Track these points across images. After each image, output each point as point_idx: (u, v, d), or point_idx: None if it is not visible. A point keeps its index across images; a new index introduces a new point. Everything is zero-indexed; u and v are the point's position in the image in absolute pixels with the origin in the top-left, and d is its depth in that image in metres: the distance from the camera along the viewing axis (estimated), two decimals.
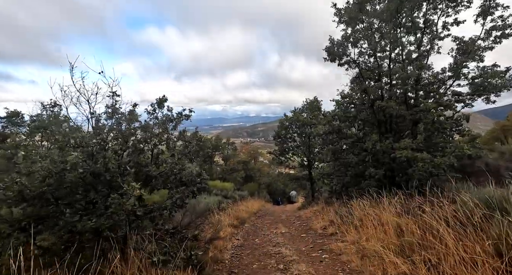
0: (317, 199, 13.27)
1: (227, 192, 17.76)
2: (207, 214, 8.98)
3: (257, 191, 27.59)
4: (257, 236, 7.87)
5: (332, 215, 8.50)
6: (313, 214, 10.87)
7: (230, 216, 10.11)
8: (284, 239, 7.19)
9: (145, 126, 4.39)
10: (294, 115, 14.55)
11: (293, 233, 7.97)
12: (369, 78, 7.64)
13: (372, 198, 6.84)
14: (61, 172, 3.11)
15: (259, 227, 9.37)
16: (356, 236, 5.54)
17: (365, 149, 7.24)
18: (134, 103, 4.69)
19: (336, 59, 8.15)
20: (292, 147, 15.02)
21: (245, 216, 11.20)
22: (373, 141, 6.93)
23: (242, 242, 7.19)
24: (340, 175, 9.06)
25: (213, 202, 12.04)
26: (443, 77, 6.96)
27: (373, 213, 5.70)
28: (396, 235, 4.41)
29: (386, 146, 6.72)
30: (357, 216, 6.36)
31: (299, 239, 7.13)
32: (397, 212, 5.12)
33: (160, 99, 4.65)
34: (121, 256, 3.61)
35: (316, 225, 8.34)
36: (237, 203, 14.26)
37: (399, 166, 7.16)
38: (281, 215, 12.87)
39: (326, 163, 10.59)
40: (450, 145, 6.70)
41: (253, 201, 17.51)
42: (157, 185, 4.27)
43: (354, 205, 7.30)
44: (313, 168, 14.63)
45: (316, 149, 14.55)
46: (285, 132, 14.89)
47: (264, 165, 46.37)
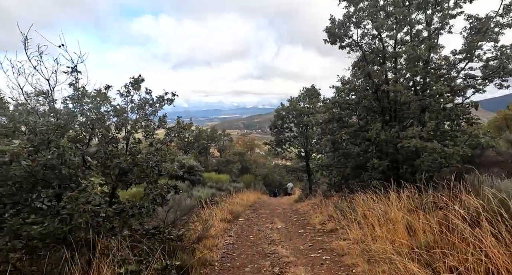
0: (314, 192, 12.79)
1: (222, 184, 17.24)
2: (198, 209, 8.43)
3: (253, 182, 27.14)
4: (251, 232, 7.35)
5: (331, 209, 8.00)
6: (310, 207, 10.38)
7: (223, 210, 9.58)
8: (280, 235, 6.67)
9: (117, 110, 3.74)
10: (290, 104, 13.91)
11: (290, 228, 7.45)
12: (372, 61, 7.00)
13: (377, 192, 6.32)
14: (2, 165, 2.48)
15: (254, 222, 8.85)
16: (360, 234, 5.01)
17: (368, 138, 6.66)
18: (107, 85, 4.03)
19: (337, 41, 7.48)
20: (289, 137, 14.44)
21: (239, 209, 10.68)
22: (377, 129, 6.35)
23: (235, 239, 6.66)
24: (340, 167, 8.51)
25: (206, 195, 11.52)
26: (454, 60, 6.34)
27: (379, 209, 5.17)
28: (408, 235, 3.88)
29: (392, 135, 6.14)
30: (360, 211, 5.83)
31: (296, 235, 6.61)
32: (407, 207, 4.58)
33: (135, 80, 3.97)
34: (86, 266, 3.02)
35: (314, 220, 7.83)
36: (232, 196, 13.75)
37: (404, 157, 6.62)
38: (277, 208, 12.37)
39: (325, 154, 10.03)
40: (462, 134, 6.15)
41: (249, 193, 17.01)
42: (133, 179, 3.65)
43: (356, 199, 6.78)
44: (310, 159, 14.11)
45: (314, 139, 13.99)
46: (281, 122, 14.27)
47: (261, 157, 45.98)
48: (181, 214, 4.63)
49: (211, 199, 10.63)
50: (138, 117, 3.94)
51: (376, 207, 5.44)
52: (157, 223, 4.37)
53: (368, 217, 5.29)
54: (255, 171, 33.56)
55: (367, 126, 6.75)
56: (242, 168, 33.51)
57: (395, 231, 4.09)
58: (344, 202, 7.79)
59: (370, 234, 4.54)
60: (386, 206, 5.02)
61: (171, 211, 4.79)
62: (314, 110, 11.61)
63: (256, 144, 48.18)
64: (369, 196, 6.53)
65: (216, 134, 33.71)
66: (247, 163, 34.96)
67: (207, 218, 7.24)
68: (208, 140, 32.87)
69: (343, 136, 7.34)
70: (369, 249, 4.23)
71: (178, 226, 4.58)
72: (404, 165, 6.91)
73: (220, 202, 10.69)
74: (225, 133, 35.69)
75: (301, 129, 14.01)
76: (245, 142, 43.59)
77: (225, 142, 34.99)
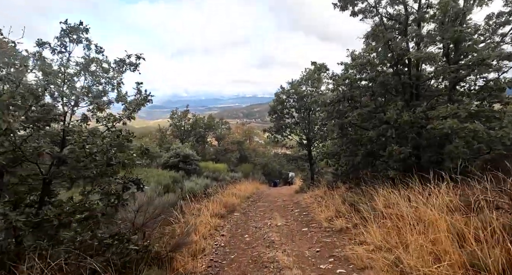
0: (317, 182, 11.80)
1: (219, 174, 16.27)
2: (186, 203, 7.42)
3: (252, 172, 26.25)
4: (247, 230, 6.35)
5: (338, 202, 6.99)
6: (314, 200, 9.38)
7: (217, 203, 8.58)
8: (280, 235, 5.67)
9: (42, 66, 2.60)
10: (291, 87, 12.71)
11: (292, 226, 6.45)
12: (392, 27, 5.82)
13: (395, 184, 5.28)
14: None
15: (250, 217, 7.86)
16: (381, 237, 3.98)
17: (386, 120, 5.56)
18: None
19: (349, 5, 6.26)
20: (290, 124, 13.32)
21: (235, 202, 9.67)
22: (398, 109, 5.24)
23: (228, 240, 5.65)
24: (349, 155, 7.44)
25: (199, 187, 10.51)
26: (494, 23, 5.17)
27: (404, 206, 4.12)
28: (458, 246, 2.84)
29: (417, 115, 5.04)
30: (379, 207, 4.80)
31: (299, 235, 5.60)
32: (446, 205, 3.53)
33: (71, 28, 2.79)
34: None
35: (319, 216, 6.82)
36: (228, 186, 12.78)
37: (430, 141, 5.54)
38: (277, 199, 11.39)
39: (330, 141, 8.94)
40: (501, 115, 5.05)
41: (247, 183, 16.05)
42: (67, 173, 2.58)
43: (369, 192, 5.75)
44: (313, 147, 13.05)
45: (317, 126, 12.88)
46: (281, 107, 13.11)
47: (260, 145, 45.00)
48: (153, 214, 3.58)
49: (205, 191, 9.64)
50: (83, 86, 2.82)
51: (400, 203, 4.40)
52: (121, 228, 3.32)
53: (390, 215, 4.26)
54: (254, 160, 32.63)
55: (385, 106, 5.63)
56: (240, 157, 32.57)
57: (435, 238, 3.05)
58: (354, 195, 6.78)
59: (399, 240, 3.49)
60: (415, 202, 3.98)
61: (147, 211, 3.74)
62: (318, 94, 10.42)
63: (255, 133, 47.11)
64: (386, 188, 5.51)
65: (213, 122, 32.61)
66: (246, 152, 34.01)
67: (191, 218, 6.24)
68: (206, 128, 31.82)
69: (355, 118, 6.24)
70: (399, 261, 3.19)
71: (149, 230, 3.53)
72: (427, 152, 5.85)
73: (215, 194, 9.70)
74: (223, 121, 34.58)
75: (303, 114, 12.86)
76: (244, 131, 42.46)
77: (223, 131, 33.93)
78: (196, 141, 31.24)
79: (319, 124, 12.72)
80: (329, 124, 8.19)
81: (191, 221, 5.36)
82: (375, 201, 5.43)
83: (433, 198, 3.68)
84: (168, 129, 29.94)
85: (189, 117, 30.82)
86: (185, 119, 30.36)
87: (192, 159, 16.22)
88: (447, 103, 5.20)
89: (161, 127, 30.11)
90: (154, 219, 3.64)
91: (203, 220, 6.56)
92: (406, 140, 5.62)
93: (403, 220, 4.00)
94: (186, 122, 30.40)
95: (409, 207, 4.04)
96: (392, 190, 4.98)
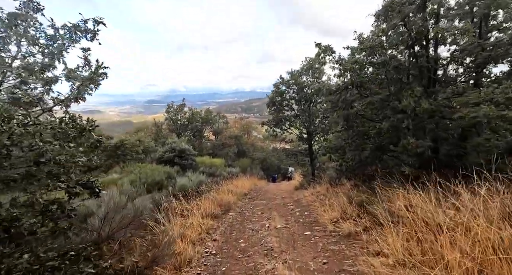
0: (318, 178, 11.12)
1: (216, 169, 15.59)
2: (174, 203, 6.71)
3: (250, 167, 25.58)
4: (243, 233, 5.66)
5: (343, 201, 6.31)
6: (315, 197, 8.71)
7: (210, 201, 7.90)
8: (280, 240, 4.98)
9: None
10: (291, 77, 11.93)
11: (293, 228, 5.76)
12: (408, 1, 5.05)
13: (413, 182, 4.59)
14: None
15: (247, 217, 7.17)
16: (402, 248, 3.29)
17: (402, 109, 4.83)
18: None
19: None
20: (289, 116, 12.57)
21: (231, 199, 8.98)
22: (416, 97, 4.51)
23: (220, 246, 4.97)
24: (355, 149, 6.74)
25: (193, 184, 9.80)
26: None
27: (431, 211, 3.43)
28: None
29: (439, 103, 4.32)
30: (396, 211, 4.11)
31: (302, 240, 4.91)
32: (498, 213, 2.82)
33: None
34: None
35: (323, 217, 6.15)
36: (225, 182, 12.09)
37: (450, 133, 4.83)
38: (276, 197, 10.72)
39: (335, 133, 8.23)
40: None
41: (244, 179, 15.37)
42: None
43: (385, 192, 5.06)
44: (314, 141, 12.33)
45: (318, 119, 12.14)
46: (280, 99, 12.35)
47: (258, 140, 44.33)
48: (121, 223, 2.87)
49: (197, 188, 8.94)
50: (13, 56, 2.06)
51: (423, 205, 3.71)
52: (77, 243, 2.60)
53: (413, 221, 3.56)
54: (252, 155, 31.93)
55: (400, 93, 4.89)
56: (238, 152, 31.87)
57: (488, 261, 2.34)
58: (362, 194, 6.09)
59: (432, 255, 2.79)
60: (447, 208, 3.28)
61: (113, 219, 3.02)
62: (322, 82, 9.63)
63: (253, 127, 46.37)
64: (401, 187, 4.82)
65: (211, 116, 31.82)
66: (244, 146, 33.31)
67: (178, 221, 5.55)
68: (203, 122, 31.06)
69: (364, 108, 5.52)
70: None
71: (116, 243, 2.81)
72: (443, 145, 5.15)
73: (209, 191, 9.01)
74: (220, 115, 33.78)
75: (303, 107, 12.11)
76: (242, 125, 41.69)
77: (221, 125, 33.18)
78: (193, 136, 30.51)
79: (320, 117, 11.98)
80: (332, 116, 7.45)
81: (176, 227, 4.66)
82: (390, 201, 4.75)
83: (477, 201, 2.95)
84: (164, 123, 29.16)
85: (186, 110, 30.02)
86: (181, 113, 29.55)
87: (188, 154, 15.58)
88: (473, 89, 4.48)
89: (156, 121, 29.32)
90: (126, 227, 2.93)
91: (194, 222, 5.87)
92: (423, 131, 4.90)
93: (429, 227, 3.32)
94: (182, 116, 29.59)
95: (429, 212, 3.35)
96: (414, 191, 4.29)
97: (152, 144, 20.96)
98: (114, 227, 2.76)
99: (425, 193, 3.87)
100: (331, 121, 7.12)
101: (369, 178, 6.87)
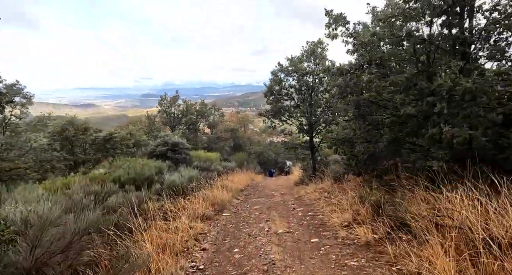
0: (320, 173, 10.27)
1: (211, 164, 14.70)
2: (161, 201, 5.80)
3: (247, 161, 24.71)
4: (238, 240, 4.78)
5: (354, 201, 5.47)
6: (319, 195, 7.87)
7: (202, 200, 7.01)
8: (283, 251, 4.10)
9: None
10: (291, 64, 10.96)
11: (297, 233, 4.89)
12: None
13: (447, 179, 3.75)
14: None
15: (243, 218, 6.30)
16: (451, 269, 2.42)
17: (433, 91, 3.93)
18: None
19: None
20: (289, 107, 11.63)
21: (226, 197, 8.09)
22: (453, 74, 3.61)
23: (210, 258, 4.08)
24: (368, 141, 5.86)
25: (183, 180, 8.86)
26: None
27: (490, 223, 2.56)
28: None
29: (486, 80, 3.42)
30: (432, 218, 3.24)
31: (309, 251, 4.03)
32: None
33: None
34: None
35: (332, 219, 5.29)
36: (221, 177, 11.20)
37: (493, 120, 3.94)
38: (275, 193, 9.86)
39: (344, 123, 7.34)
40: None
41: (241, 174, 14.51)
42: None
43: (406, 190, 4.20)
44: (316, 133, 11.43)
45: (320, 108, 11.21)
46: (279, 88, 11.38)
47: (255, 133, 43.49)
48: (54, 247, 1.94)
49: (187, 185, 8.03)
50: None
51: (466, 211, 2.84)
52: None
53: (458, 229, 2.70)
54: (249, 148, 31.04)
55: (431, 69, 3.97)
56: (234, 146, 31.00)
57: None
58: (377, 192, 5.22)
59: None
60: None
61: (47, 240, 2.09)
62: (326, 72, 8.66)
63: (250, 120, 45.41)
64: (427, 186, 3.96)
65: (206, 108, 30.80)
66: (240, 140, 32.42)
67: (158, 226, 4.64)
68: (198, 115, 30.05)
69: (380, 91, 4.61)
70: None
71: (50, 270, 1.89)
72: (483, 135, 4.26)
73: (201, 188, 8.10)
74: (215, 108, 32.75)
75: (304, 96, 11.16)
76: (239, 118, 40.69)
77: (216, 117, 32.18)
78: (188, 129, 29.51)
79: (322, 107, 11.05)
80: (339, 104, 6.54)
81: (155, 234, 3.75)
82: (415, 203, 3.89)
83: None
84: (156, 115, 28.09)
85: (180, 103, 28.94)
86: (175, 105, 28.45)
87: (182, 148, 14.71)
88: None
89: (149, 114, 28.22)
90: (64, 251, 2.01)
91: (180, 226, 4.98)
92: (461, 117, 4.00)
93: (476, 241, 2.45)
94: (176, 109, 28.51)
95: (490, 219, 2.48)
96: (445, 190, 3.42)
97: (144, 138, 20.01)
98: (40, 253, 1.85)
99: (457, 193, 3.00)
100: (340, 109, 6.21)
101: (383, 174, 6.01)
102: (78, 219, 2.28)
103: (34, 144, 13.93)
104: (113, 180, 8.48)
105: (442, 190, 3.81)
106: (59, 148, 16.14)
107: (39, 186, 6.33)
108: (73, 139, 16.97)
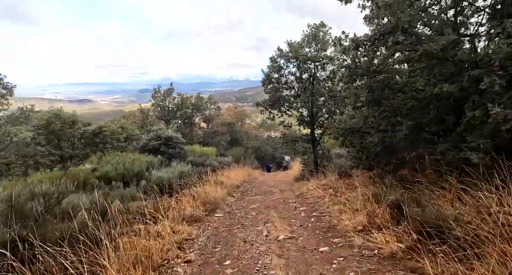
0: (321, 167, 9.46)
1: (207, 158, 13.87)
2: None
3: (244, 156, 23.87)
4: (231, 249, 3.96)
5: (368, 199, 4.65)
6: (323, 192, 7.05)
7: (192, 198, 6.20)
8: (286, 264, 3.28)
9: None
10: (291, 49, 10.05)
11: (302, 240, 4.07)
12: None
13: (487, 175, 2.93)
14: None
15: (238, 219, 5.48)
16: None
17: (479, 62, 3.08)
18: None
19: None
20: (288, 97, 10.76)
21: (220, 195, 7.26)
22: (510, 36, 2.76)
23: (195, 273, 3.25)
24: (383, 130, 5.04)
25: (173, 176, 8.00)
26: None
27: None
28: None
29: None
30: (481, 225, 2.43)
31: (319, 264, 3.21)
32: None
33: None
34: None
35: (343, 221, 4.47)
36: (216, 173, 10.38)
37: None
38: (274, 190, 9.05)
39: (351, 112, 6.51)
40: None
41: (238, 169, 13.68)
42: None
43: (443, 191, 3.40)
44: (317, 125, 10.59)
45: (323, 98, 10.34)
46: (278, 75, 10.50)
47: (252, 128, 42.64)
48: None
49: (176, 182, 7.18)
50: None
51: None
52: None
53: None
54: (246, 143, 30.18)
55: (476, 35, 3.11)
56: (231, 140, 30.14)
57: None
58: (397, 190, 4.41)
59: None
60: None
61: None
62: (337, 45, 7.72)
63: (247, 115, 44.49)
64: (472, 184, 3.15)
65: (201, 102, 29.85)
66: (237, 134, 31.54)
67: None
68: (193, 108, 29.12)
69: (414, 60, 3.76)
70: None
71: None
72: None
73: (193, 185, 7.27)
74: (211, 101, 31.79)
75: (304, 84, 10.28)
76: (236, 112, 39.73)
77: (212, 111, 31.25)
78: (183, 123, 28.58)
79: (325, 96, 10.18)
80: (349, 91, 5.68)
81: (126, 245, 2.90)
82: (449, 205, 3.09)
83: None
84: (150, 109, 27.08)
85: (174, 96, 27.93)
86: (169, 98, 27.43)
87: (176, 142, 13.92)
88: None
89: (142, 107, 27.19)
90: None
91: (162, 231, 4.15)
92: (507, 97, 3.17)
93: None
94: (170, 102, 27.49)
95: None
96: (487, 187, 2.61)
97: (137, 132, 19.15)
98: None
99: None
100: (349, 95, 5.35)
101: (400, 167, 5.18)
102: None
103: (15, 138, 13.02)
104: (99, 176, 7.68)
105: (482, 188, 3.03)
106: (45, 142, 15.26)
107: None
108: (60, 133, 16.07)
